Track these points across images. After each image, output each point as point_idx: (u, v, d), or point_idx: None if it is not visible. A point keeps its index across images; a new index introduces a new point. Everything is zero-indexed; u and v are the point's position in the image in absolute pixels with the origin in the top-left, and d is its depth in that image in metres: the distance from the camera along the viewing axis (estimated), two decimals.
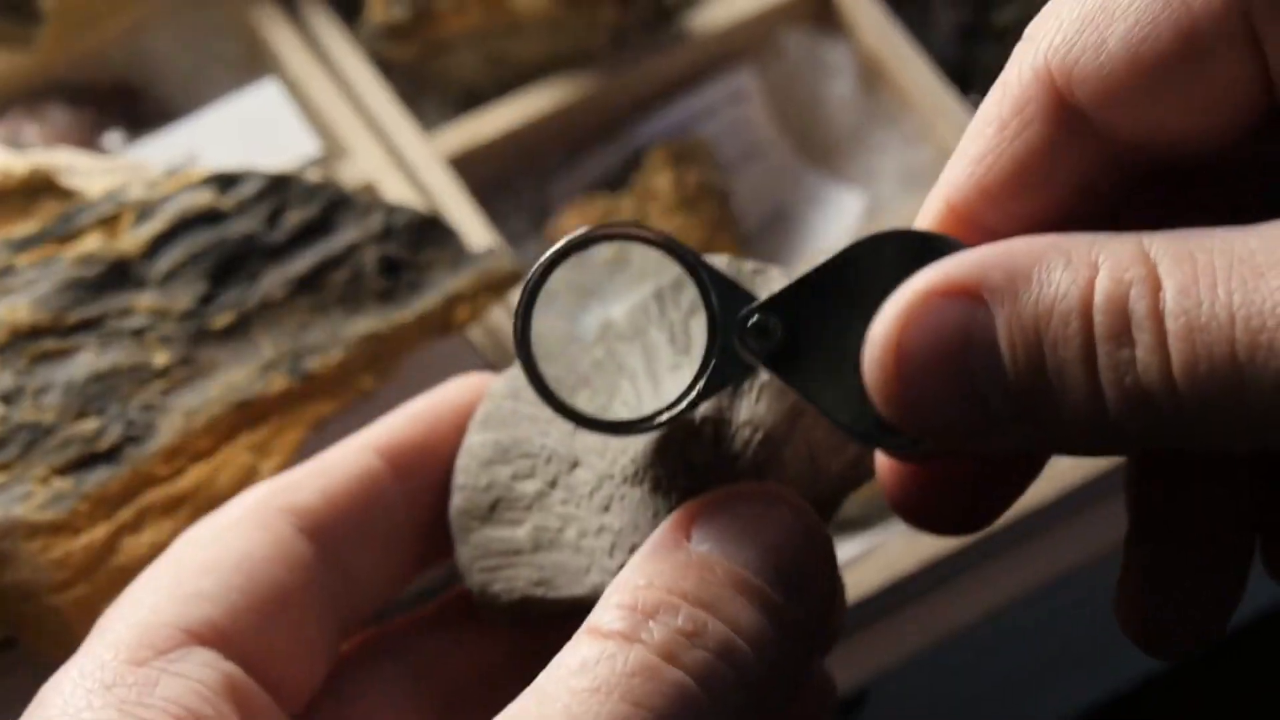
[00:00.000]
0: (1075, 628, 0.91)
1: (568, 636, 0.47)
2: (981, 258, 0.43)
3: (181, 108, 0.92)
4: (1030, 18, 0.99)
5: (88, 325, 0.69)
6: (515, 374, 0.55)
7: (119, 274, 0.70)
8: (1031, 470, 0.51)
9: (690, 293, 0.50)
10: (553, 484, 0.53)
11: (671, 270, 0.49)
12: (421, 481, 0.55)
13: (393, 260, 0.73)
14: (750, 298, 0.47)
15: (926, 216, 0.47)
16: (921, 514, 0.49)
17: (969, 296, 0.43)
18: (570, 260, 0.48)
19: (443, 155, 0.90)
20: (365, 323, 0.71)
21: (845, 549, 0.82)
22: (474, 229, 0.86)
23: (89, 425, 0.67)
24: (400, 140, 0.90)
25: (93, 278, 0.70)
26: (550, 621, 0.53)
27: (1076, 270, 0.42)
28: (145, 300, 0.70)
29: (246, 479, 0.68)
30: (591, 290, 0.52)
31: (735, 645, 0.46)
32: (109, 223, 0.71)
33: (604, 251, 0.50)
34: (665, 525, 0.48)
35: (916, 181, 0.94)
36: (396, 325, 0.72)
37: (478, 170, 0.91)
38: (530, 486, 0.53)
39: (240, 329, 0.70)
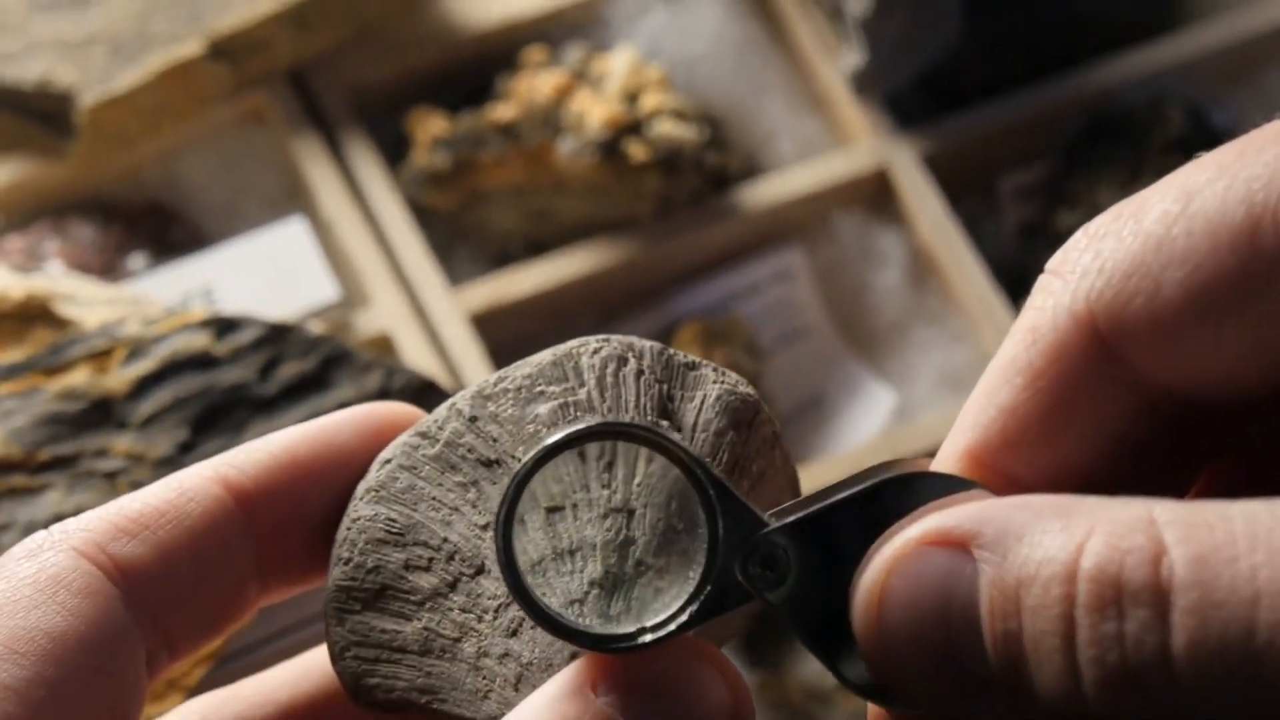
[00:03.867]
0: None
1: None
2: (981, 510, 0.40)
3: (212, 234, 0.90)
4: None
5: (60, 463, 0.67)
6: (415, 441, 0.51)
7: (101, 412, 0.68)
8: None
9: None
10: (452, 585, 0.50)
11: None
12: (277, 527, 0.50)
13: None
14: (759, 521, 0.44)
15: (946, 463, 0.44)
16: None
17: (959, 549, 0.40)
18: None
19: (467, 311, 0.88)
20: None
21: None
22: None
23: None
24: (425, 293, 0.87)
25: (73, 414, 0.68)
26: None
27: (1070, 534, 0.39)
28: (123, 443, 0.68)
29: None
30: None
31: None
32: (99, 357, 0.69)
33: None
34: (574, 668, 0.45)
35: (952, 385, 0.90)
36: None
37: (502, 329, 0.89)
38: (425, 581, 0.50)
39: None
